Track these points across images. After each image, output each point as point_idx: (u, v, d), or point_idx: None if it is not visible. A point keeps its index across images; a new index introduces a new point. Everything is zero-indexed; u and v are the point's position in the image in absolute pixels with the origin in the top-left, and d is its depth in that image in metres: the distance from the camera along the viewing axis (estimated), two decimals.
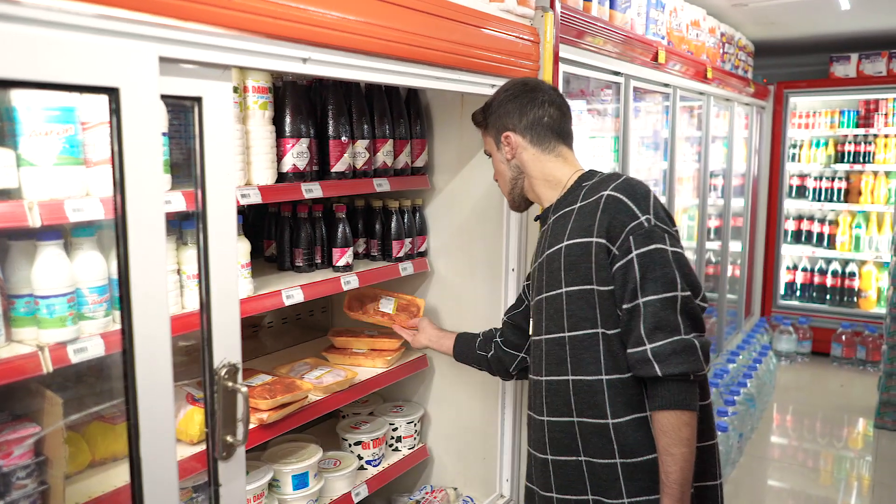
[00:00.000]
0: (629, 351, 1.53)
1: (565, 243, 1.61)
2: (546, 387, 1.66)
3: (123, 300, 1.21)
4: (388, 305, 2.39)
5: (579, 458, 1.61)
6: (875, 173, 6.08)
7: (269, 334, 2.62)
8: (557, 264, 1.61)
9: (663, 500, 1.52)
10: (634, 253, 1.51)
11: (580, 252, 1.57)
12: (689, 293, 1.52)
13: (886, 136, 6.01)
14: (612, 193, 1.56)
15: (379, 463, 2.39)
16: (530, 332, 1.79)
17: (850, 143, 6.16)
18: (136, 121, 1.19)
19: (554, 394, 1.64)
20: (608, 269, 1.54)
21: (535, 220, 1.84)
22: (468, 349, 2.10)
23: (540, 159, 1.75)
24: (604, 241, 1.54)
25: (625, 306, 1.53)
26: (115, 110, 1.17)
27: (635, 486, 1.57)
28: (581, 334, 1.58)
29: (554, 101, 1.77)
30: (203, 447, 1.60)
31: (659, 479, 1.54)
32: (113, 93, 1.16)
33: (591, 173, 1.72)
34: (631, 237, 1.51)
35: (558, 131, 1.76)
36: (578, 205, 1.63)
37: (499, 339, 2.03)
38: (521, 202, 1.85)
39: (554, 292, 1.62)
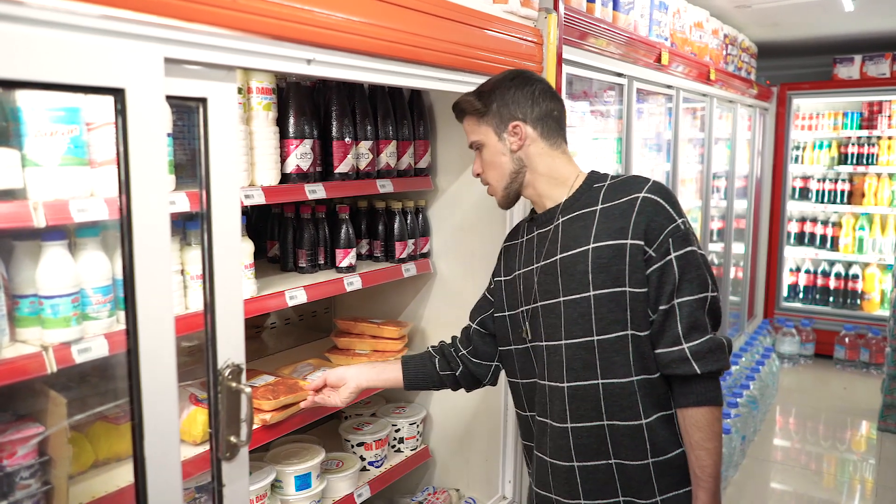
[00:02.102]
0: (663, 350, 1.54)
1: (592, 245, 1.56)
2: (570, 393, 1.61)
3: (128, 300, 1.22)
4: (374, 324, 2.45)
5: (609, 462, 1.60)
6: (878, 175, 6.07)
7: (271, 335, 2.63)
8: (583, 267, 1.57)
9: (699, 493, 1.55)
10: (673, 255, 1.51)
11: (612, 254, 1.54)
12: (716, 293, 1.55)
13: (890, 137, 6.00)
14: (649, 196, 1.54)
15: (381, 464, 2.39)
16: (530, 339, 1.69)
17: (853, 144, 6.15)
18: (142, 122, 1.19)
19: (580, 399, 1.60)
20: (643, 271, 1.53)
21: (530, 219, 1.76)
22: (424, 374, 1.87)
23: (549, 155, 1.68)
24: (640, 242, 1.52)
25: (661, 307, 1.53)
26: (121, 111, 1.17)
27: (665, 482, 1.59)
28: (612, 337, 1.56)
29: (558, 96, 1.73)
30: (206, 447, 1.61)
31: (688, 474, 1.59)
32: (119, 94, 1.16)
33: (599, 174, 1.69)
34: (670, 239, 1.51)
35: (563, 127, 1.72)
36: (600, 206, 1.59)
37: (466, 352, 1.85)
38: (514, 199, 1.75)
39: (577, 296, 1.58)
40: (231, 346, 1.44)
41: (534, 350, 1.69)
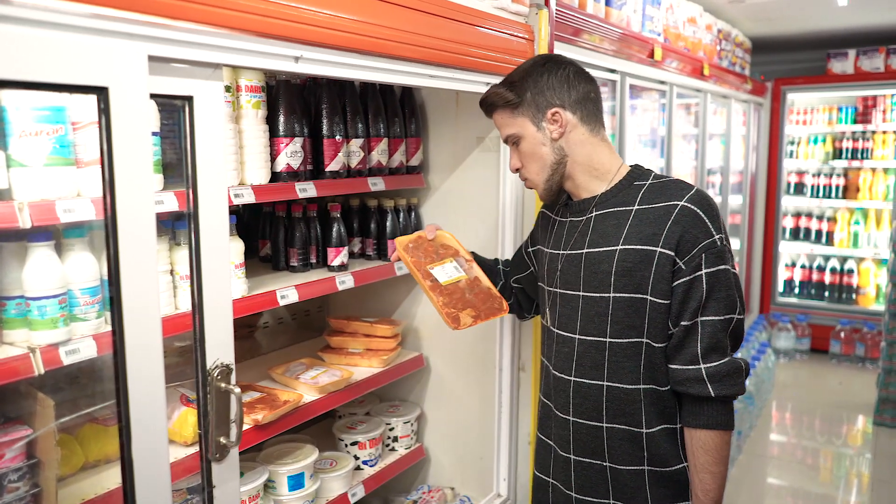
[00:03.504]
0: (678, 367, 1.50)
1: (620, 247, 1.52)
2: (575, 388, 1.60)
3: (114, 301, 1.21)
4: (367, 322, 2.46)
5: (604, 464, 1.59)
6: (873, 170, 6.07)
7: (264, 334, 2.62)
8: (607, 267, 1.52)
9: None
10: (704, 271, 1.46)
11: (639, 259, 1.49)
12: (742, 316, 1.51)
13: (884, 132, 6.00)
14: (689, 206, 1.48)
15: (375, 463, 2.38)
16: (549, 324, 1.70)
17: (847, 139, 6.15)
18: (126, 120, 1.18)
19: (584, 397, 1.59)
20: (669, 283, 1.48)
21: (565, 203, 1.70)
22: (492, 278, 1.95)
23: (590, 142, 1.60)
24: (671, 253, 1.47)
25: (683, 323, 1.48)
26: (104, 110, 1.16)
27: (660, 493, 1.56)
28: (625, 342, 1.53)
29: (592, 77, 1.63)
30: (197, 448, 1.60)
31: (687, 489, 1.56)
32: (102, 92, 1.15)
33: (642, 171, 1.62)
34: (703, 255, 1.46)
35: (601, 110, 1.63)
36: (636, 207, 1.54)
37: (511, 302, 1.95)
38: (557, 192, 1.66)
39: (597, 294, 1.55)
40: (220, 347, 1.43)
41: (548, 333, 1.70)
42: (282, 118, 1.96)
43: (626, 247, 1.51)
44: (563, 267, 1.64)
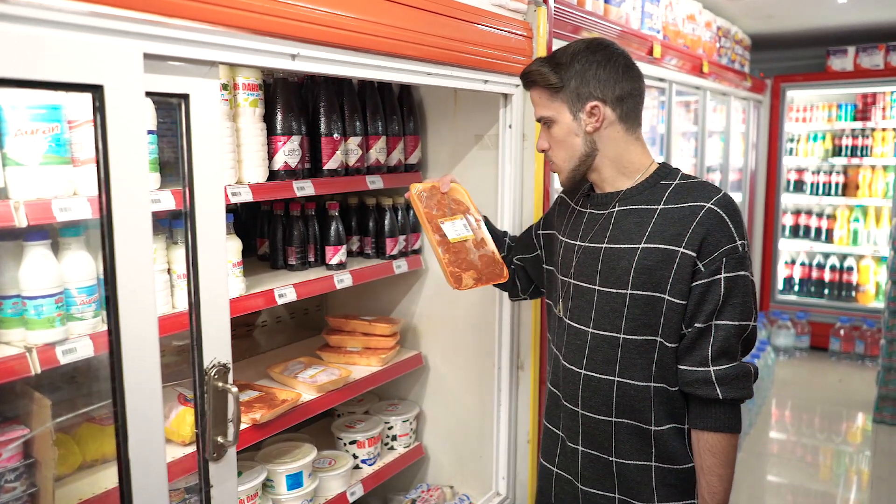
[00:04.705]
0: (688, 368, 1.50)
1: (643, 245, 1.51)
2: (585, 381, 1.60)
3: (110, 300, 1.20)
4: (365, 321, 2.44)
5: (610, 458, 1.59)
6: (873, 167, 6.06)
7: (262, 333, 2.61)
8: (626, 264, 1.52)
9: None
10: (723, 275, 1.46)
11: (660, 258, 1.49)
12: (756, 324, 1.51)
13: (884, 129, 6.00)
14: (715, 209, 1.47)
15: (374, 462, 2.37)
16: (561, 314, 1.69)
17: (847, 136, 6.15)
18: (121, 119, 1.17)
19: (593, 391, 1.58)
20: (688, 283, 1.48)
21: (587, 194, 1.69)
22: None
23: (623, 140, 1.58)
24: (692, 254, 1.46)
25: (697, 325, 1.48)
26: (100, 108, 1.15)
27: (667, 491, 1.56)
28: (639, 339, 1.52)
29: (640, 73, 1.60)
30: (194, 448, 1.59)
31: (694, 488, 1.56)
32: (97, 90, 1.15)
33: (669, 169, 1.60)
34: (724, 259, 1.45)
35: (641, 108, 1.61)
36: (662, 206, 1.52)
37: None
38: (580, 181, 1.65)
39: (614, 290, 1.54)
40: (217, 346, 1.43)
41: (559, 322, 1.69)
42: (279, 116, 1.96)
43: (649, 245, 1.50)
44: (579, 259, 1.63)
